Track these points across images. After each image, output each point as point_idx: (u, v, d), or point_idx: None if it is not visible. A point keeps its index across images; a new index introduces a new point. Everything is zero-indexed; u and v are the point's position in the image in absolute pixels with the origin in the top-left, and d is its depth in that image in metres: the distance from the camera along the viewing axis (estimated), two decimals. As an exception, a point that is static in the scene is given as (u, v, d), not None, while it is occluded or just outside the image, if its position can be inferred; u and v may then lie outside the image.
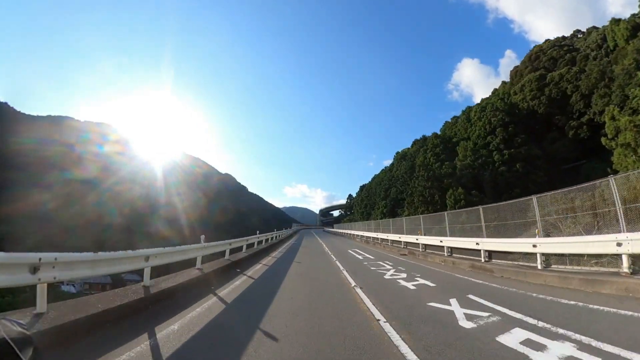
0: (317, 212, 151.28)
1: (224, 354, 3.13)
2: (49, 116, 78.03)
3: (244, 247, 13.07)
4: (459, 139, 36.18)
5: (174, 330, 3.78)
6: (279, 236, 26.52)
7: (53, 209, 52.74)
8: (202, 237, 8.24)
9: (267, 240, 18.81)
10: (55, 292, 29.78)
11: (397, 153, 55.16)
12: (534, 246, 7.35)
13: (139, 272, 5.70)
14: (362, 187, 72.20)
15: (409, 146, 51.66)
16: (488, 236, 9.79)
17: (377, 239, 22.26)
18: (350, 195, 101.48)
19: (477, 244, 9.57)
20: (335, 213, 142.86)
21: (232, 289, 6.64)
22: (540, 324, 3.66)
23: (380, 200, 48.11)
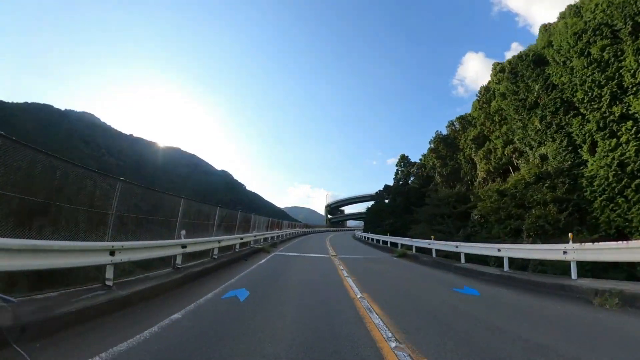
0: (324, 209, 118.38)
1: None
2: (25, 103, 76.07)
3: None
4: None
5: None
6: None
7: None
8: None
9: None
10: None
11: (495, 65, 24.97)
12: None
13: None
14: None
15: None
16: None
17: None
18: (404, 160, 43.95)
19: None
20: (348, 209, 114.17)
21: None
22: None
23: None
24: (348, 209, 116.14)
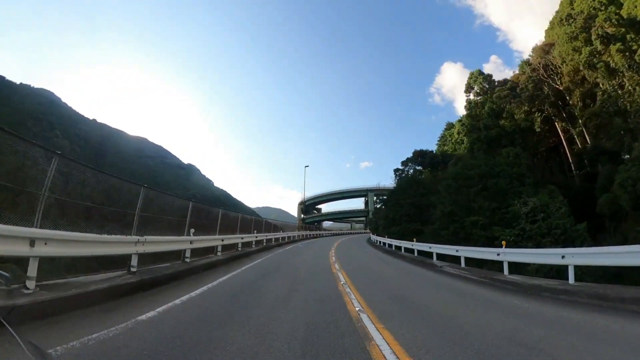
0: (296, 207, 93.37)
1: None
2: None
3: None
4: None
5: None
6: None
7: None
8: None
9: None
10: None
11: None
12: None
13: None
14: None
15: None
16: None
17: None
18: (484, 79, 33.69)
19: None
20: (326, 208, 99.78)
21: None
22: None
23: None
24: (325, 208, 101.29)
